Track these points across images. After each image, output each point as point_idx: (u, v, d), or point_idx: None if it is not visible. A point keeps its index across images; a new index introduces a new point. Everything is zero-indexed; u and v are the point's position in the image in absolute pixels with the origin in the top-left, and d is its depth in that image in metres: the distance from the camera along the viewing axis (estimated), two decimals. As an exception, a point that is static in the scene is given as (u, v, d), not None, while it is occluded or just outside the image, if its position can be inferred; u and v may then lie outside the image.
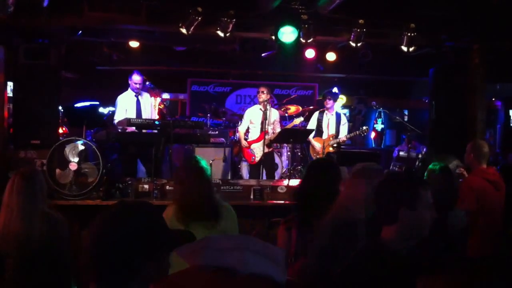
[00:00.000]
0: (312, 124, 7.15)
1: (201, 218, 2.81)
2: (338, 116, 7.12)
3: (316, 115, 7.20)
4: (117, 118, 6.24)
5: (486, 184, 4.00)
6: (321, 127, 7.05)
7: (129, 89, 6.44)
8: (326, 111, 7.08)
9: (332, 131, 7.00)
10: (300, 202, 2.93)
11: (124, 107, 6.34)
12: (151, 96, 6.53)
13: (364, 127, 7.24)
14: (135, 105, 6.40)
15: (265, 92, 6.67)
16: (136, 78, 6.36)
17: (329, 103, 7.00)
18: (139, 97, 6.44)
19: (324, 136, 7.02)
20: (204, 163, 3.00)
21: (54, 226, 3.11)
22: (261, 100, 6.70)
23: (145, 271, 1.07)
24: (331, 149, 6.87)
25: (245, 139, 7.01)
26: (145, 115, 6.43)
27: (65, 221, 3.28)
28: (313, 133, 7.04)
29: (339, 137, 6.97)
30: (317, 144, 6.94)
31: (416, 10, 5.86)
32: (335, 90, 7.71)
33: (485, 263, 3.86)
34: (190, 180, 2.93)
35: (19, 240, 2.97)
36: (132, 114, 6.29)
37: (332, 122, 7.03)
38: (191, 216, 2.81)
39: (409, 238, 2.04)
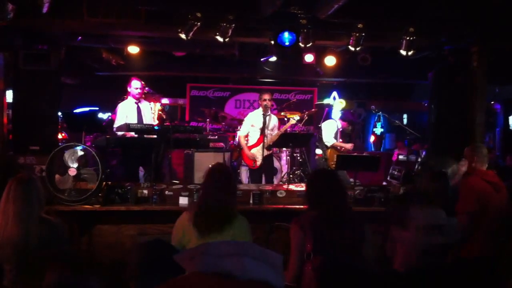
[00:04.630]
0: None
1: (214, 223, 2.90)
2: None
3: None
4: (117, 125, 6.22)
5: (486, 185, 4.01)
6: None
7: (129, 97, 6.43)
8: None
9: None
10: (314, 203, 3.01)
11: (125, 114, 6.31)
12: (149, 102, 6.51)
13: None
14: (136, 112, 6.37)
15: (267, 99, 6.66)
16: (135, 84, 6.38)
17: None
18: (140, 104, 6.42)
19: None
20: (226, 169, 3.17)
21: (52, 231, 3.11)
22: (265, 107, 6.63)
23: None
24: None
25: (245, 144, 6.94)
26: (146, 122, 6.38)
27: (63, 225, 3.27)
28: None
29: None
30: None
31: (415, 12, 5.85)
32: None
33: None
34: (208, 185, 3.09)
35: (16, 247, 2.97)
36: (133, 121, 6.25)
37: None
38: (205, 221, 2.91)
39: None
